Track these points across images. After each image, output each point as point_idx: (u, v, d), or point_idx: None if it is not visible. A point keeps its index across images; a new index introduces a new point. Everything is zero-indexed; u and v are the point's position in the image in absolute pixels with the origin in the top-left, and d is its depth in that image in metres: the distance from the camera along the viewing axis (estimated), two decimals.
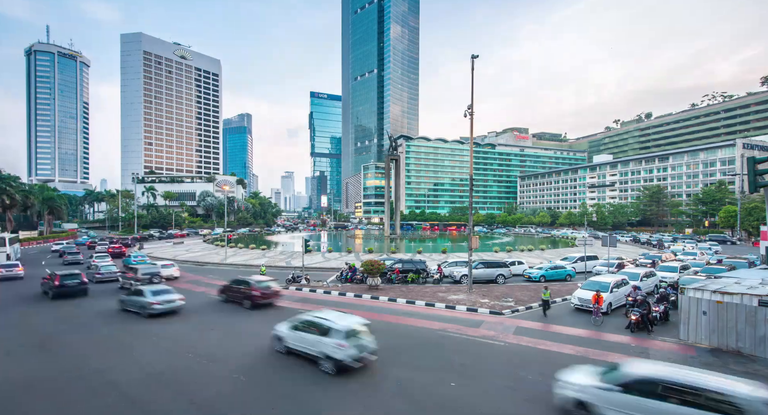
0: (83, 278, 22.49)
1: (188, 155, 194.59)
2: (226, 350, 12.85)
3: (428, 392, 9.69)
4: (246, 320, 17.19)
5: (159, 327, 15.81)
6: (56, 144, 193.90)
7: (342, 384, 10.13)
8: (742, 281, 15.22)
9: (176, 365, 11.45)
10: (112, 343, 13.70)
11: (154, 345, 13.48)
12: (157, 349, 13.04)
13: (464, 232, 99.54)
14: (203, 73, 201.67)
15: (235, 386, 9.95)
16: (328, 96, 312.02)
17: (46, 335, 14.72)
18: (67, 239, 72.93)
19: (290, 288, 24.71)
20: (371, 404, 9.08)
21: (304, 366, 11.30)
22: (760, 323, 12.23)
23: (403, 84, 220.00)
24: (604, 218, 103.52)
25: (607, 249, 29.53)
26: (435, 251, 50.90)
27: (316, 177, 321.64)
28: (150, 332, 15.12)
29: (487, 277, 26.65)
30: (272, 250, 51.36)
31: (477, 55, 23.63)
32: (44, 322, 16.68)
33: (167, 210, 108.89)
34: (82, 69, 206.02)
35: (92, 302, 20.97)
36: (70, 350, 12.87)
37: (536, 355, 12.57)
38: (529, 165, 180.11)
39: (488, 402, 9.19)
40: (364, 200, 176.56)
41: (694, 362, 11.95)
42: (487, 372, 11.04)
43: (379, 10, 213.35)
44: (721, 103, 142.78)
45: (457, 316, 17.95)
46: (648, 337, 14.63)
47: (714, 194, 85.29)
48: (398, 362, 11.76)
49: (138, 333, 14.89)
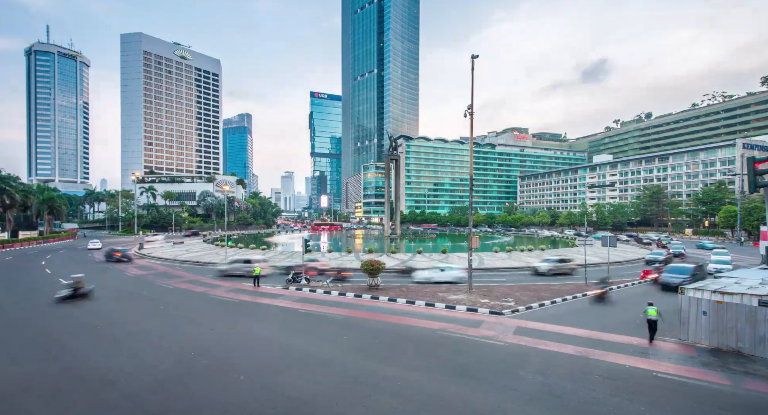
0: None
1: (188, 155, 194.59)
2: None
3: (428, 392, 9.68)
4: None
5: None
6: (56, 144, 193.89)
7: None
8: (742, 281, 15.24)
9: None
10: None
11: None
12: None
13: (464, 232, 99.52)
14: (203, 73, 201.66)
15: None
16: (328, 96, 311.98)
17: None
18: (68, 239, 72.96)
19: (290, 288, 24.73)
20: (370, 405, 9.04)
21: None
22: (760, 323, 12.23)
23: (403, 84, 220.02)
24: (604, 218, 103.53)
25: (607, 249, 29.54)
26: (435, 251, 50.86)
27: (316, 177, 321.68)
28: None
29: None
30: (272, 250, 51.36)
31: (477, 55, 23.63)
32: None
33: (167, 210, 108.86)
34: (82, 69, 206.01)
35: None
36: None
37: (536, 355, 12.56)
38: (529, 165, 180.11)
39: (488, 402, 9.18)
40: (364, 200, 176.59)
41: (693, 362, 11.94)
42: (486, 372, 11.04)
43: (379, 10, 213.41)
44: (721, 103, 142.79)
45: (457, 316, 17.95)
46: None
47: (714, 194, 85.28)
48: (398, 362, 11.74)
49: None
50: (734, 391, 9.95)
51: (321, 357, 12.07)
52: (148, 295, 22.89)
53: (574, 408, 8.84)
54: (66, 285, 21.63)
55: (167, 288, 25.06)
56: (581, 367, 11.43)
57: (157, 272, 32.40)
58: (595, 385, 10.10)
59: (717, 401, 9.30)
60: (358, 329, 15.80)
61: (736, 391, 9.95)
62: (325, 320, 17.27)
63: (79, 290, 21.01)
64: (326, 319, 17.40)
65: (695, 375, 10.89)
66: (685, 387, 10.14)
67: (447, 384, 10.13)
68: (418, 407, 8.87)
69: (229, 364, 11.44)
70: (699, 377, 10.79)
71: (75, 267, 34.09)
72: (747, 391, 9.97)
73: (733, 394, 9.79)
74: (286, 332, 15.16)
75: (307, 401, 9.10)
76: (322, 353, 12.51)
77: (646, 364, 11.78)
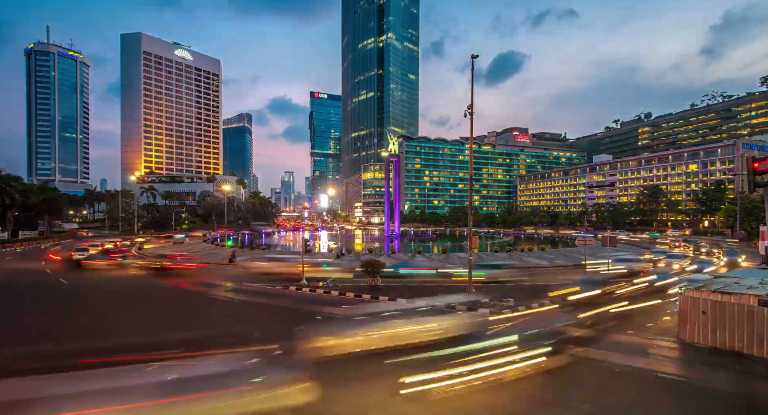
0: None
1: (188, 155, 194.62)
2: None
3: (427, 391, 9.68)
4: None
5: None
6: (56, 144, 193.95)
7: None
8: (742, 281, 15.24)
9: None
10: None
11: None
12: None
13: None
14: (203, 73, 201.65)
15: None
16: (328, 96, 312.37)
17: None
18: (68, 239, 73.00)
19: (290, 288, 24.75)
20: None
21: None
22: (760, 323, 12.24)
23: (404, 84, 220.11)
24: (604, 218, 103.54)
25: (606, 248, 29.56)
26: (435, 251, 50.85)
27: (316, 177, 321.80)
28: None
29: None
30: (272, 250, 51.37)
31: (477, 55, 23.60)
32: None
33: (167, 210, 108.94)
34: (82, 69, 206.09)
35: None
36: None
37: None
38: (529, 165, 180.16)
39: (487, 403, 9.20)
40: (363, 200, 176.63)
41: (693, 362, 11.95)
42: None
43: (378, 10, 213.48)
44: (721, 103, 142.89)
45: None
46: (648, 337, 14.63)
47: (714, 194, 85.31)
48: (397, 362, 11.74)
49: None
50: (734, 391, 9.96)
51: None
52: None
53: (575, 407, 8.88)
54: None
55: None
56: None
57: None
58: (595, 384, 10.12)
59: (717, 401, 9.31)
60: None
61: (736, 391, 9.97)
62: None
63: None
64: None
65: (695, 375, 10.91)
66: (685, 387, 10.15)
67: (447, 384, 10.13)
68: (423, 407, 8.85)
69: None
70: (699, 377, 10.81)
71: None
72: (747, 391, 9.98)
73: (733, 394, 9.80)
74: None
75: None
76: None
77: (646, 363, 11.80)
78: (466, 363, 10.34)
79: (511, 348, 11.55)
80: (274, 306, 20.21)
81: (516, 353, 11.19)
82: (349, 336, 11.77)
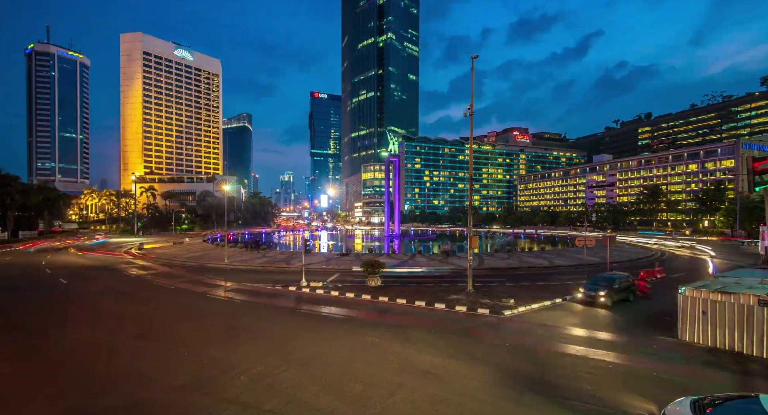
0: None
1: (188, 155, 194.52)
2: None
3: (426, 392, 9.69)
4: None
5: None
6: (56, 144, 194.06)
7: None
8: (742, 281, 15.25)
9: None
10: None
11: None
12: None
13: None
14: (203, 73, 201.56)
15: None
16: (328, 96, 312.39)
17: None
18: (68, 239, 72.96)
19: (290, 288, 24.74)
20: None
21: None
22: (759, 323, 12.24)
23: (404, 84, 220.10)
24: (604, 218, 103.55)
25: (607, 248, 29.55)
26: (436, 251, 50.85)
27: (316, 177, 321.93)
28: None
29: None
30: (272, 250, 51.38)
31: (477, 55, 23.63)
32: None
33: (167, 210, 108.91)
34: (82, 69, 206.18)
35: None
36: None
37: (537, 355, 12.58)
38: (529, 165, 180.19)
39: (488, 402, 9.21)
40: (363, 200, 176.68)
41: (693, 362, 11.95)
42: (486, 372, 11.05)
43: (378, 9, 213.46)
44: (721, 103, 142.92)
45: (457, 316, 17.95)
46: (648, 337, 14.64)
47: (714, 194, 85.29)
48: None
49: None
50: (734, 391, 9.95)
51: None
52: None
53: (574, 407, 8.88)
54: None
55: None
56: (580, 366, 11.45)
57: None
58: (593, 384, 10.12)
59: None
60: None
61: (735, 391, 9.95)
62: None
63: None
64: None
65: (695, 375, 10.90)
66: (684, 387, 10.14)
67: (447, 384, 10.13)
68: (415, 406, 8.85)
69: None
70: (699, 377, 10.80)
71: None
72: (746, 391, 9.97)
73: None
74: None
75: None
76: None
77: (647, 363, 11.79)
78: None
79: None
80: (274, 306, 20.17)
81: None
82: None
